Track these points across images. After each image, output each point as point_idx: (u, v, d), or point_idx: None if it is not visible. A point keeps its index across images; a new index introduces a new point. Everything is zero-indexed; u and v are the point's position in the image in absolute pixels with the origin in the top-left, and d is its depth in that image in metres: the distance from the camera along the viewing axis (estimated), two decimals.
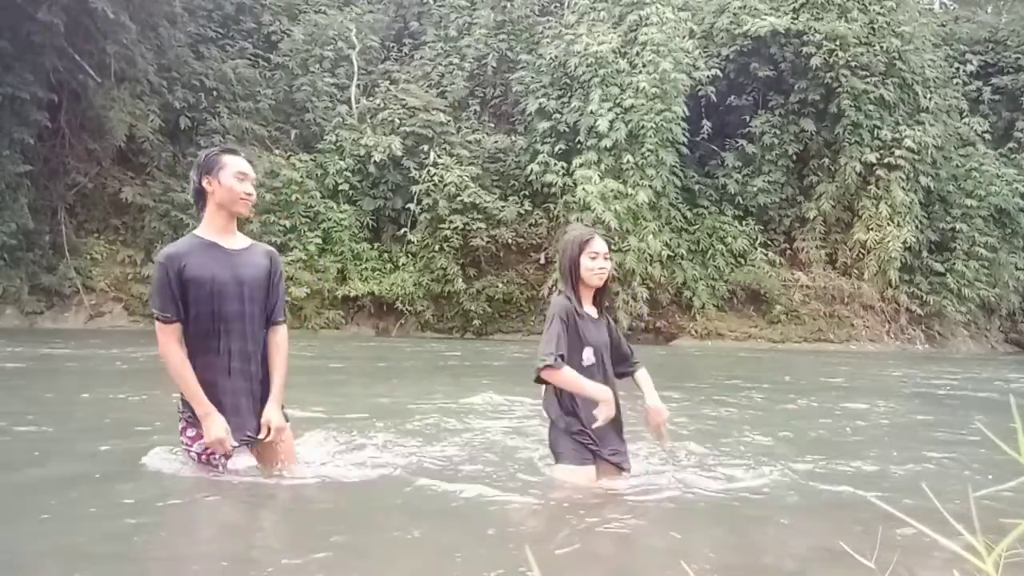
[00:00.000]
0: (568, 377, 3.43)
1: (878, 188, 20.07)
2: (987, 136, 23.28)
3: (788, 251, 21.07)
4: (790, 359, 15.69)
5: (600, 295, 3.77)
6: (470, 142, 19.69)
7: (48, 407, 5.92)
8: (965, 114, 23.15)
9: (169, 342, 3.31)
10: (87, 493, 3.30)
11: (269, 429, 3.38)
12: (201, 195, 3.44)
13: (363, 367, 10.74)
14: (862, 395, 8.80)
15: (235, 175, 3.37)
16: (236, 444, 3.34)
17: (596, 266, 3.64)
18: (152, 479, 3.53)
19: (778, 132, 20.60)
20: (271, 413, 3.39)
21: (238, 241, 3.50)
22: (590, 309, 3.71)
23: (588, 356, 3.52)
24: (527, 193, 19.43)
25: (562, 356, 3.43)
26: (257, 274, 3.45)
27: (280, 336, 3.52)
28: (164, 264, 3.34)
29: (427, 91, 19.96)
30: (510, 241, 18.60)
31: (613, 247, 17.73)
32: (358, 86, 20.33)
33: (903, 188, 19.92)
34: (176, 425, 3.52)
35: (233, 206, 3.41)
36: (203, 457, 3.38)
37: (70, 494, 3.28)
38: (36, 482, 3.50)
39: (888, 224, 19.72)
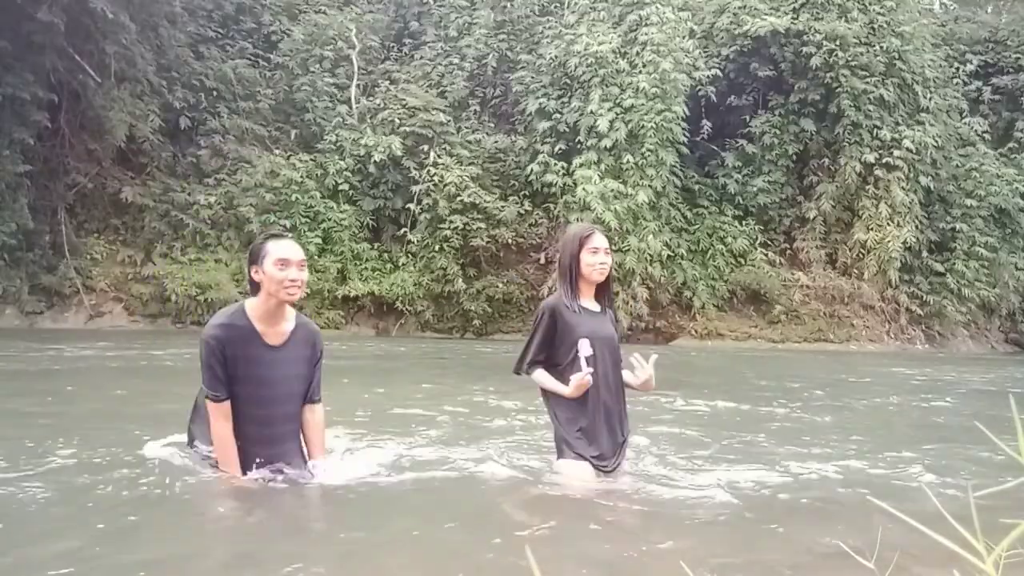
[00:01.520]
0: (538, 380, 3.56)
1: (878, 188, 20.07)
2: (987, 136, 23.27)
3: (788, 251, 21.07)
4: (790, 359, 15.69)
5: (602, 290, 3.74)
6: (470, 142, 19.68)
7: (48, 407, 5.92)
8: (965, 114, 23.15)
9: (219, 422, 3.38)
10: (87, 493, 3.30)
11: None
12: (253, 284, 3.44)
13: (363, 367, 10.73)
14: (862, 395, 8.80)
15: (275, 263, 3.33)
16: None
17: (597, 261, 3.62)
18: (153, 479, 3.53)
19: (778, 132, 20.59)
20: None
21: (284, 327, 3.47)
22: (590, 304, 3.68)
23: (585, 347, 3.48)
24: (527, 193, 19.43)
25: (538, 361, 3.56)
26: (295, 370, 3.48)
27: (316, 415, 3.59)
28: (210, 345, 3.34)
29: (427, 91, 19.95)
30: (510, 241, 18.59)
31: (613, 247, 17.69)
32: (358, 86, 20.32)
33: (903, 188, 19.92)
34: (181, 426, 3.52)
35: (279, 295, 3.37)
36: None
37: (69, 494, 3.28)
38: (36, 482, 3.49)
39: (888, 224, 19.72)
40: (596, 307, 3.69)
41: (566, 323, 3.53)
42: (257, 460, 3.41)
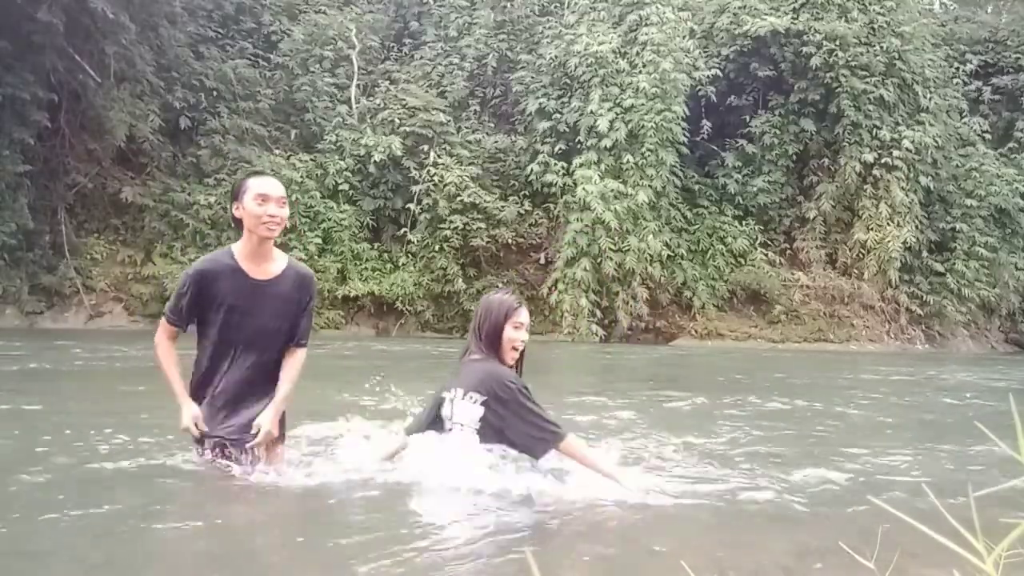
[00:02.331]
0: (579, 450, 3.39)
1: (878, 188, 20.08)
2: (987, 136, 23.28)
3: (788, 251, 21.08)
4: (790, 359, 15.69)
5: (518, 367, 3.56)
6: (470, 142, 19.69)
7: (48, 408, 5.92)
8: (965, 114, 23.16)
9: (162, 337, 3.49)
10: (87, 494, 3.30)
11: (258, 432, 3.40)
12: (236, 221, 3.46)
13: (363, 367, 10.73)
14: (862, 395, 8.80)
15: (255, 197, 3.36)
16: (207, 433, 3.42)
17: (519, 338, 3.45)
18: (152, 479, 3.53)
19: (778, 132, 20.60)
20: (265, 418, 3.41)
21: (272, 267, 3.49)
22: None
23: None
24: (527, 193, 19.44)
25: None
26: (281, 307, 3.48)
27: (296, 357, 3.55)
28: (193, 279, 3.40)
29: (427, 91, 19.96)
30: (510, 241, 18.59)
31: (613, 247, 17.75)
32: (358, 86, 20.32)
33: (903, 188, 19.93)
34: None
35: (257, 230, 3.38)
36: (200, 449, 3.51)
37: (70, 494, 3.28)
38: (36, 482, 3.50)
39: (888, 224, 19.74)
40: None
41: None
42: (213, 404, 3.41)
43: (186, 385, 3.49)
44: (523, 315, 3.48)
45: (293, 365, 3.54)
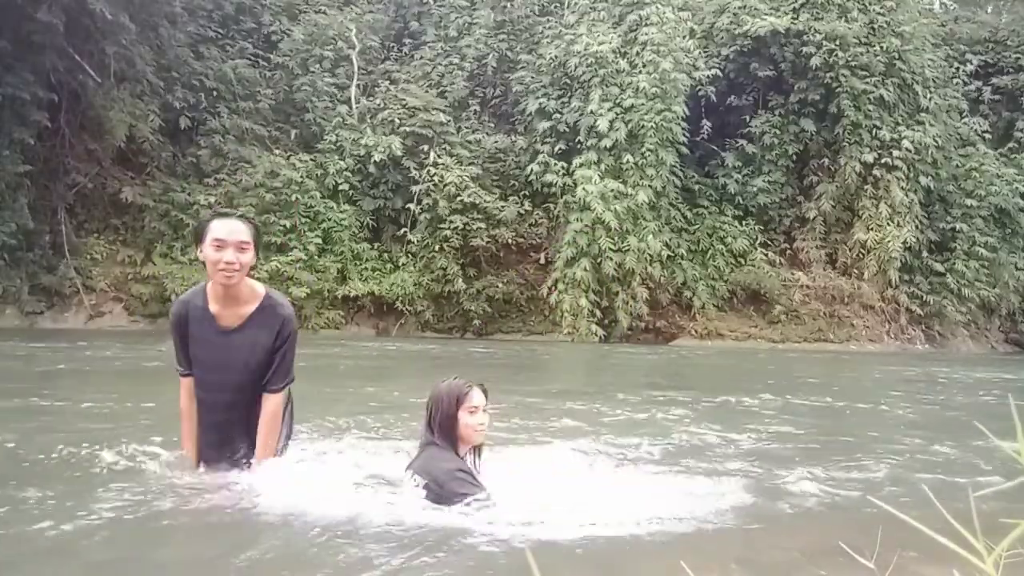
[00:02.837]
0: None
1: (878, 188, 20.08)
2: (987, 136, 23.28)
3: (788, 251, 21.07)
4: (790, 359, 15.69)
5: (478, 450, 3.38)
6: (470, 142, 19.68)
7: (47, 408, 5.92)
8: (965, 114, 23.15)
9: (181, 394, 3.50)
10: (87, 494, 3.30)
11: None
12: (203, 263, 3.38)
13: (364, 367, 10.73)
14: (861, 395, 8.81)
15: (212, 242, 3.20)
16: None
17: (476, 422, 3.23)
18: (152, 482, 3.53)
19: (778, 132, 20.60)
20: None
21: (243, 310, 3.35)
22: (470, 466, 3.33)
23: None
24: (527, 193, 19.43)
25: None
26: (249, 356, 3.35)
27: (269, 405, 3.38)
28: (172, 324, 3.46)
29: (427, 91, 19.96)
30: (510, 241, 18.59)
31: (613, 247, 17.74)
32: (358, 86, 20.32)
33: (903, 188, 19.93)
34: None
35: (215, 276, 3.24)
36: None
37: (70, 494, 3.27)
38: (37, 482, 3.49)
39: (888, 224, 19.73)
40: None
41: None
42: (206, 446, 3.46)
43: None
44: (476, 398, 3.25)
45: (265, 417, 3.38)
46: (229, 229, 3.23)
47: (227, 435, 3.45)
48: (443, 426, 3.22)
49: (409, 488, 3.23)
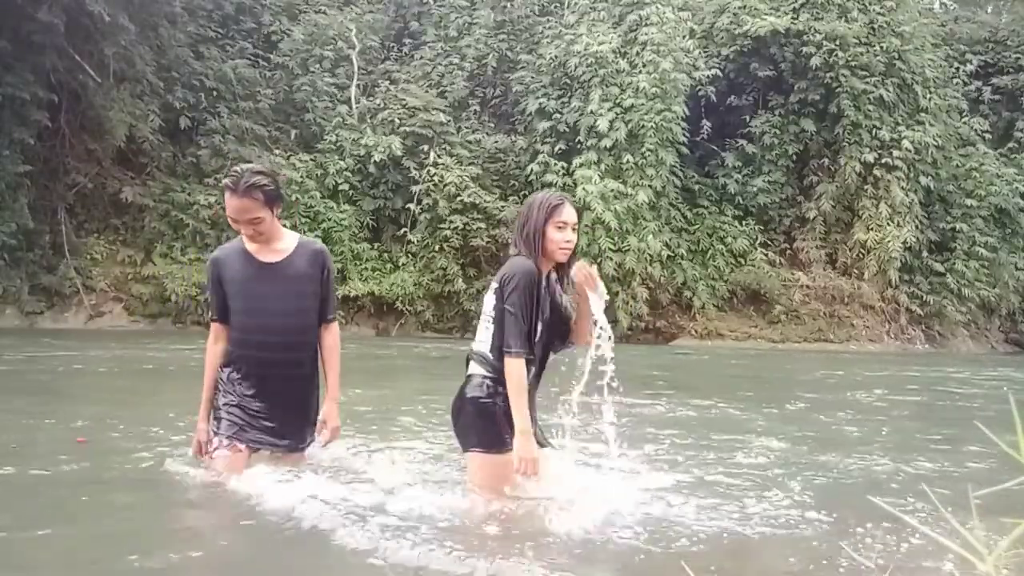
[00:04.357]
0: (515, 378, 3.08)
1: (878, 188, 20.07)
2: (987, 136, 23.27)
3: (788, 251, 21.07)
4: (790, 359, 15.69)
5: (562, 269, 3.33)
6: (470, 142, 19.68)
7: (47, 408, 5.92)
8: (965, 114, 23.13)
9: (209, 339, 3.58)
10: (86, 494, 3.30)
11: (324, 428, 3.60)
12: None
13: (364, 367, 10.73)
14: (861, 395, 8.81)
15: (229, 217, 3.47)
16: (250, 440, 3.49)
17: (563, 238, 3.19)
18: (155, 483, 3.53)
19: (778, 132, 20.59)
20: (330, 413, 3.55)
21: (280, 246, 3.52)
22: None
23: (540, 331, 3.24)
24: (527, 193, 19.37)
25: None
26: (296, 286, 3.50)
27: (332, 333, 3.62)
28: (209, 268, 3.55)
29: (427, 91, 19.94)
30: (510, 241, 18.56)
31: (613, 247, 17.74)
32: (358, 86, 20.31)
33: (903, 188, 19.92)
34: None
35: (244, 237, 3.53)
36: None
37: (71, 495, 3.28)
38: (35, 483, 3.50)
39: (888, 224, 19.72)
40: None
41: (538, 301, 3.18)
42: (236, 405, 3.47)
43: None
44: (566, 212, 3.20)
45: (331, 345, 3.59)
46: (237, 208, 3.37)
47: (278, 383, 3.50)
48: (530, 239, 3.22)
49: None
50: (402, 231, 18.47)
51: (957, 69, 23.60)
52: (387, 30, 22.66)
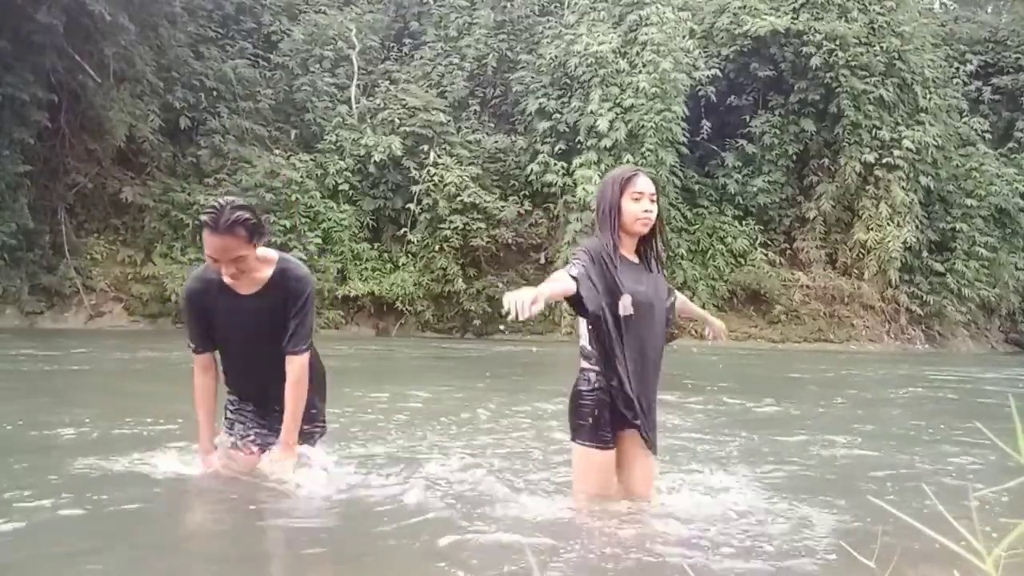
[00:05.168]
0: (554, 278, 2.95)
1: (878, 188, 20.07)
2: (987, 136, 23.27)
3: (788, 251, 21.07)
4: (790, 359, 15.69)
5: (645, 244, 3.21)
6: (470, 142, 19.68)
7: (47, 407, 5.92)
8: (965, 114, 23.14)
9: (195, 372, 3.52)
10: (88, 495, 3.30)
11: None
12: None
13: (364, 367, 10.73)
14: (861, 395, 8.81)
15: (207, 255, 3.25)
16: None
17: (640, 209, 3.07)
18: (154, 482, 3.53)
19: (778, 132, 20.60)
20: (275, 455, 3.44)
21: (258, 275, 3.36)
22: (632, 258, 3.17)
23: (626, 305, 3.00)
24: (527, 193, 19.44)
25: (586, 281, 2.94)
26: (268, 318, 3.37)
27: (292, 367, 3.39)
28: (186, 300, 3.49)
29: (427, 91, 19.95)
30: (510, 241, 18.59)
31: None
32: (358, 86, 20.31)
33: (903, 188, 19.92)
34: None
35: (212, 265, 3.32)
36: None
37: (67, 494, 3.28)
38: (35, 483, 3.49)
39: (888, 224, 19.73)
40: (637, 261, 3.19)
41: (613, 275, 3.01)
42: (249, 417, 3.53)
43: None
44: (641, 183, 3.10)
45: (294, 380, 3.39)
46: (218, 248, 3.17)
47: (260, 399, 3.55)
48: (606, 215, 3.09)
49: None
50: (402, 231, 18.48)
51: (957, 69, 23.60)
52: (387, 30, 22.67)
